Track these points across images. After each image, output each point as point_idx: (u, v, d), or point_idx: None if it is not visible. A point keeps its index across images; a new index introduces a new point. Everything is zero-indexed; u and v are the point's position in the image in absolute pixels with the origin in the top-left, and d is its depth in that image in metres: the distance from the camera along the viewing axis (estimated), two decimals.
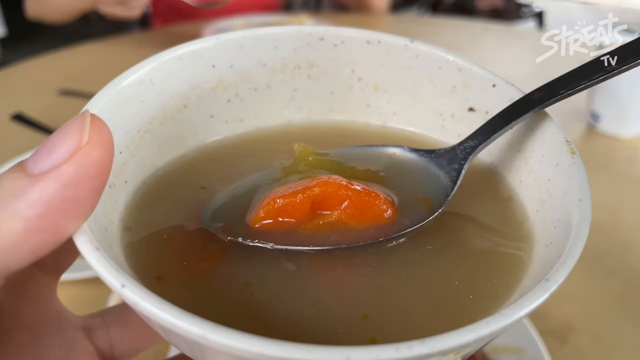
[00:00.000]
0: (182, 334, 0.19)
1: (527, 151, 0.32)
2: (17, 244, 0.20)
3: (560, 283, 0.21)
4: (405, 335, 0.20)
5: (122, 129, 0.30)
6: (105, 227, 0.26)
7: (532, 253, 0.28)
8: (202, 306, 0.25)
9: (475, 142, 0.32)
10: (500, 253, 0.29)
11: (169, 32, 1.69)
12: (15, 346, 0.26)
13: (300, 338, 0.22)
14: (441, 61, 0.35)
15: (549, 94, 0.30)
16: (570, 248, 0.23)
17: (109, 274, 0.21)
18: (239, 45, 0.35)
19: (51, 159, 0.21)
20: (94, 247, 0.22)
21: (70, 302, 0.31)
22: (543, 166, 0.30)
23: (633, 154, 1.07)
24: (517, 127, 0.32)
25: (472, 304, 0.26)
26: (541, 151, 0.31)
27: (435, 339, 0.19)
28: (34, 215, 0.20)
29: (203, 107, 0.35)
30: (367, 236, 0.29)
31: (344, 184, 0.29)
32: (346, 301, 0.26)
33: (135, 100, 0.31)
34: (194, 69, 0.34)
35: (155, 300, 0.20)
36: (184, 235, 0.29)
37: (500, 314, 0.20)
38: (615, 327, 0.68)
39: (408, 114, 0.38)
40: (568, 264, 0.22)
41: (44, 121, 1.07)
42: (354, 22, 1.89)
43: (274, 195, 0.29)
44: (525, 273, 0.27)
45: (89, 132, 0.21)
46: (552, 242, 0.26)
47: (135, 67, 0.31)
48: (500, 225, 0.31)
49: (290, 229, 0.29)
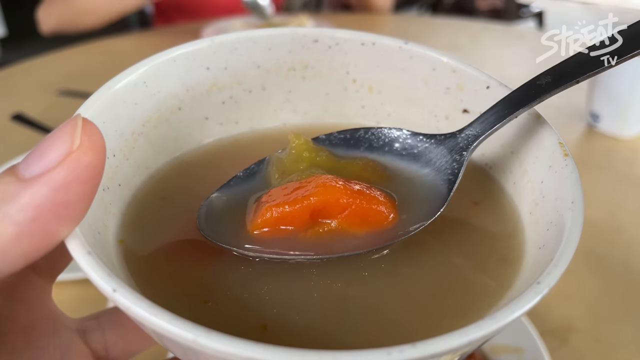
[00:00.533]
0: (174, 339, 0.19)
1: (520, 153, 0.32)
2: (9, 248, 0.21)
3: (552, 286, 0.21)
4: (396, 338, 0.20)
5: (115, 132, 0.30)
6: (99, 230, 0.26)
7: (525, 255, 0.28)
8: (196, 310, 0.25)
9: (478, 130, 0.31)
10: (493, 255, 0.29)
11: (169, 31, 1.69)
12: (10, 349, 0.26)
13: (296, 345, 0.22)
14: (435, 63, 0.35)
15: (556, 81, 0.29)
16: (562, 251, 0.23)
17: (100, 279, 0.21)
18: (234, 47, 0.35)
19: (42, 164, 0.21)
20: (86, 251, 0.22)
21: (71, 302, 0.31)
22: (536, 168, 0.30)
23: (633, 154, 1.07)
24: (510, 129, 0.32)
25: (464, 307, 0.26)
26: (535, 153, 0.31)
27: (426, 342, 0.19)
28: (25, 220, 0.20)
29: (197, 109, 0.35)
30: (368, 242, 0.28)
31: (343, 189, 0.28)
32: (347, 308, 0.26)
33: (129, 103, 0.31)
34: (188, 71, 0.34)
35: (147, 305, 0.20)
36: (178, 239, 0.29)
37: (492, 317, 0.20)
38: (615, 327, 0.68)
39: (402, 116, 0.38)
40: (560, 267, 0.22)
41: (44, 121, 1.07)
42: (354, 23, 1.89)
43: (272, 202, 0.29)
44: (518, 275, 0.27)
45: (81, 136, 0.21)
46: (545, 245, 0.26)
47: (129, 70, 0.31)
48: (494, 227, 0.31)
49: (289, 236, 0.28)
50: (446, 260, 0.29)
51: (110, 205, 0.29)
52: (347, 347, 0.20)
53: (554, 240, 0.25)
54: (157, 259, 0.28)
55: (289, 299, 0.26)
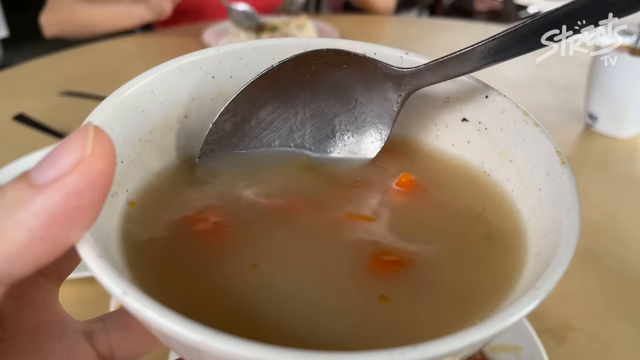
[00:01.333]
0: (183, 340, 0.20)
1: (518, 160, 0.33)
2: (21, 253, 0.21)
3: (549, 291, 0.22)
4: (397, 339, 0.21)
5: (124, 139, 0.30)
6: (107, 234, 0.26)
7: (523, 261, 0.28)
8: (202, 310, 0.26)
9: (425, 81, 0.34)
10: (491, 261, 0.29)
11: (170, 33, 1.69)
12: (17, 352, 0.27)
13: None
14: None
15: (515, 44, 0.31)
16: (560, 257, 0.24)
17: (111, 282, 0.21)
18: (238, 57, 0.36)
19: (55, 170, 0.21)
20: (97, 255, 0.22)
21: (72, 301, 0.32)
22: (534, 176, 0.31)
23: (630, 154, 1.08)
24: (509, 137, 0.33)
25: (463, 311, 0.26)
26: (532, 161, 0.31)
27: (427, 345, 0.20)
28: (37, 225, 0.21)
29: (203, 117, 0.35)
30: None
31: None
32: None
33: (137, 111, 0.32)
34: (194, 79, 0.35)
35: (157, 307, 0.20)
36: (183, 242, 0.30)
37: (491, 320, 0.21)
38: (613, 326, 0.68)
39: (402, 123, 0.38)
40: (557, 272, 0.23)
41: (46, 122, 1.08)
42: (354, 24, 1.90)
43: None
44: (516, 281, 0.27)
45: (92, 144, 0.22)
46: (542, 251, 0.27)
47: (137, 78, 0.32)
48: (492, 234, 0.31)
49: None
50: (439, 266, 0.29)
51: (118, 210, 0.29)
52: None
53: (551, 247, 0.26)
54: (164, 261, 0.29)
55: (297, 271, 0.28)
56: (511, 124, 0.33)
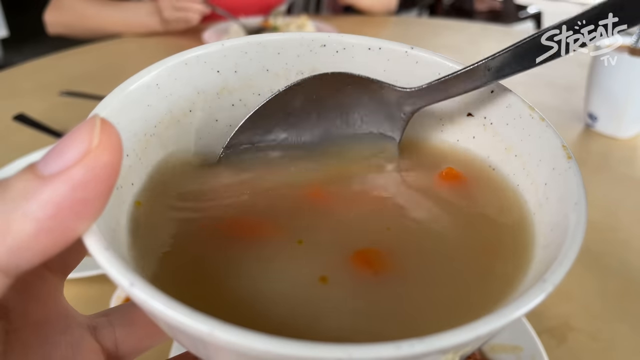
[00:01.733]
0: (190, 332, 0.20)
1: (524, 155, 0.33)
2: (28, 245, 0.21)
3: (557, 284, 0.22)
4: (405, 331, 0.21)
5: (129, 132, 0.30)
6: (113, 227, 0.27)
7: (530, 255, 0.29)
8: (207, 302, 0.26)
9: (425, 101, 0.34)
10: (498, 255, 0.30)
11: (170, 33, 1.69)
12: (23, 345, 0.27)
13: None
14: (441, 67, 0.36)
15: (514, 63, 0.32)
16: (567, 250, 0.24)
17: (118, 273, 0.21)
18: (243, 52, 0.36)
19: (62, 162, 0.21)
20: (104, 247, 0.22)
21: (72, 301, 0.32)
22: (540, 170, 0.31)
23: (630, 154, 1.08)
24: (515, 132, 0.33)
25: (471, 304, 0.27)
26: (538, 156, 0.32)
27: (434, 337, 0.20)
28: (44, 216, 0.21)
29: (208, 112, 0.35)
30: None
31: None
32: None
33: (142, 105, 0.32)
34: (199, 74, 0.35)
35: (164, 299, 0.20)
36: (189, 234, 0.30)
37: (499, 313, 0.21)
38: (613, 326, 0.68)
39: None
40: (564, 265, 0.23)
41: (46, 122, 1.08)
42: (354, 24, 1.90)
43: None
44: (523, 274, 0.27)
45: (99, 136, 0.22)
46: (549, 244, 0.27)
47: (142, 72, 0.32)
48: (499, 228, 0.31)
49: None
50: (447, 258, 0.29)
51: (124, 203, 0.29)
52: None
53: (557, 240, 0.26)
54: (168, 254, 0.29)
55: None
56: (517, 118, 0.33)
